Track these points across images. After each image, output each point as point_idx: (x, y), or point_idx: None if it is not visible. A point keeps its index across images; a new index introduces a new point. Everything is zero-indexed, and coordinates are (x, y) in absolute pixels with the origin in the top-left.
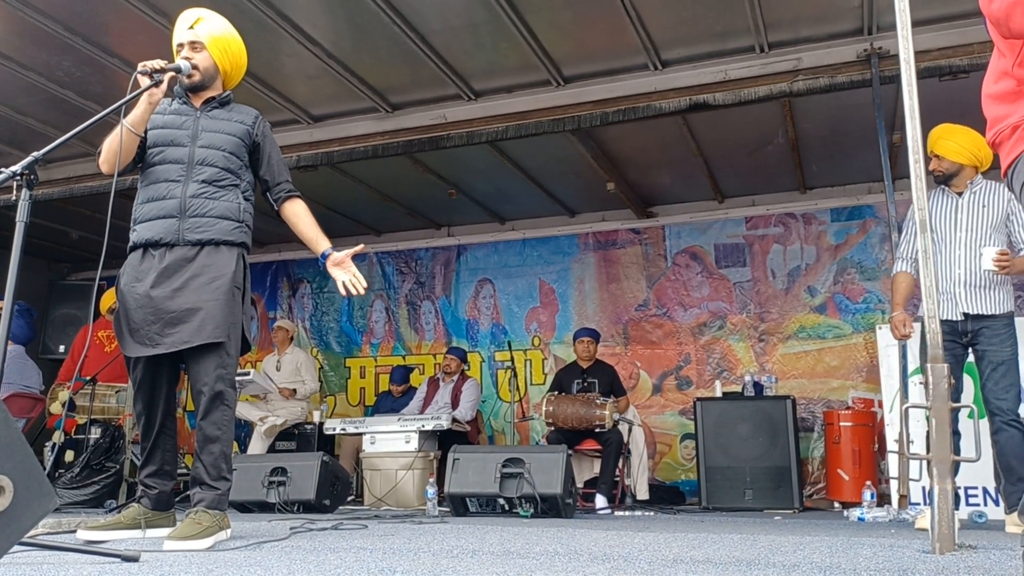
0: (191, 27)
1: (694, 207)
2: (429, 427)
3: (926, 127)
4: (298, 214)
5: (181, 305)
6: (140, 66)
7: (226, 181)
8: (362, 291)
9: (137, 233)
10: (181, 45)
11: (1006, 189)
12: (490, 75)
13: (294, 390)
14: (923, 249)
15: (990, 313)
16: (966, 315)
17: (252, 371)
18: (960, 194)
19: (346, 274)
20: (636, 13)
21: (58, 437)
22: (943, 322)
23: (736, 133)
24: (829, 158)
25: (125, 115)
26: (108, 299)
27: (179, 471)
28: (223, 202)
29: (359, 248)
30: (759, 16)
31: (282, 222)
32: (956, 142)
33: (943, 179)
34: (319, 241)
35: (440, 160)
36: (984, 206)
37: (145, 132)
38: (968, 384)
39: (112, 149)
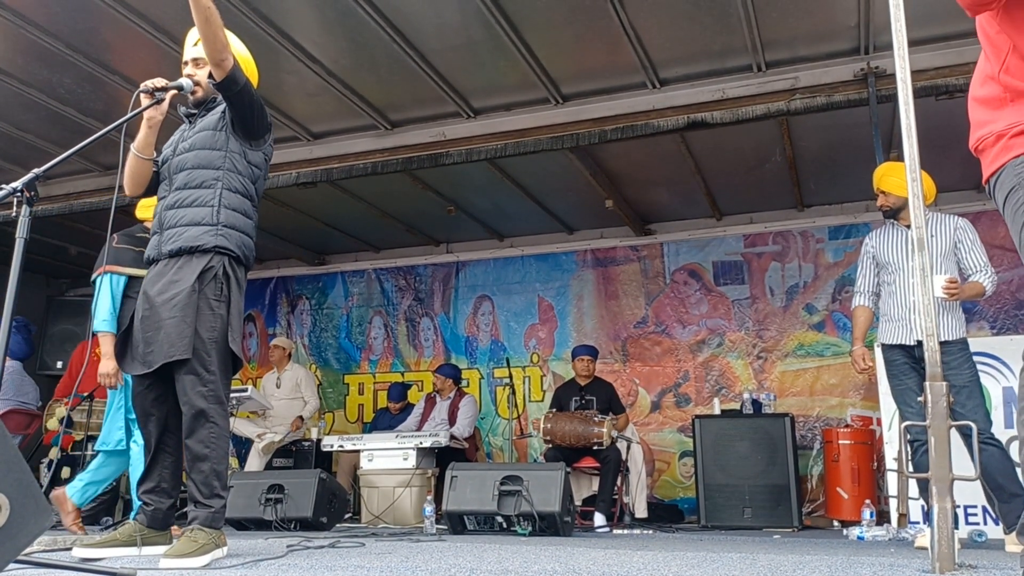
0: (195, 44)
1: (692, 224)
2: (427, 444)
3: (923, 146)
4: None
5: (152, 324)
6: (142, 85)
7: (200, 180)
8: None
9: None
10: (186, 63)
11: (951, 219)
12: (489, 93)
13: (302, 418)
14: (921, 267)
15: (944, 339)
16: (920, 341)
17: (250, 388)
18: (908, 226)
19: None
20: (634, 32)
21: (55, 453)
22: (899, 347)
23: (734, 151)
24: (827, 176)
25: (126, 134)
26: None
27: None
28: (195, 207)
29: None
30: (756, 35)
31: (282, 239)
32: (900, 177)
33: (890, 213)
34: None
35: (439, 177)
36: (932, 236)
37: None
38: None
39: (126, 174)
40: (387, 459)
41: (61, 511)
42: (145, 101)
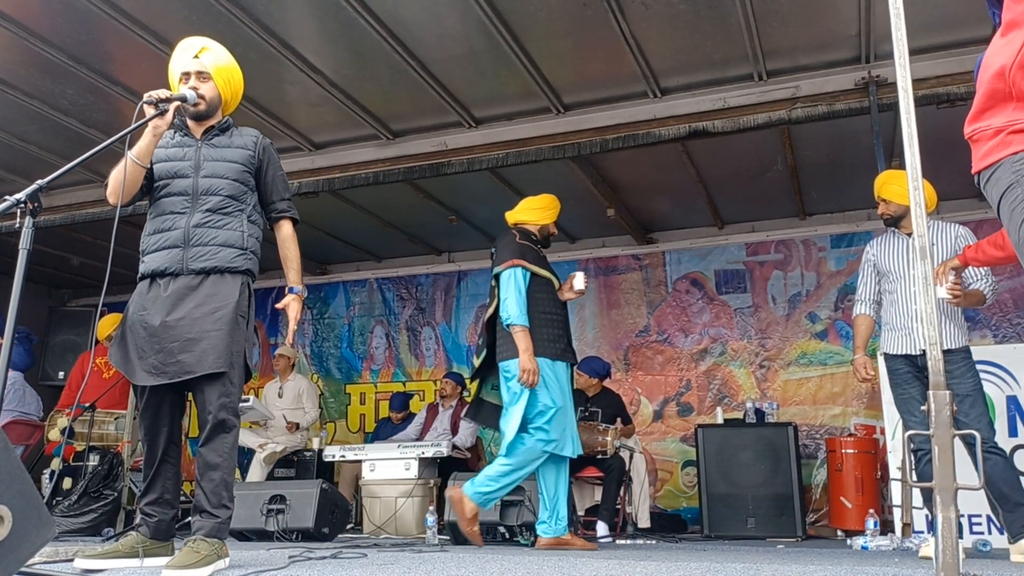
0: (196, 56)
1: (694, 233)
2: (429, 454)
3: (924, 154)
4: (283, 239)
5: (183, 335)
6: (146, 96)
7: (230, 208)
8: (289, 343)
9: (145, 264)
10: (187, 74)
11: (952, 227)
12: (490, 102)
13: (297, 424)
14: (924, 276)
15: (946, 348)
16: (923, 350)
17: (252, 398)
18: (909, 235)
19: (292, 321)
20: (635, 41)
21: (57, 464)
22: (902, 356)
23: (735, 160)
24: (828, 185)
25: (130, 145)
26: (105, 326)
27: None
28: (226, 230)
29: (293, 329)
30: (757, 45)
31: None
32: (901, 186)
33: (891, 222)
34: (290, 274)
35: (441, 186)
36: (933, 244)
37: (151, 164)
38: None
39: (118, 180)
40: (389, 469)
41: (459, 515)
42: (149, 112)
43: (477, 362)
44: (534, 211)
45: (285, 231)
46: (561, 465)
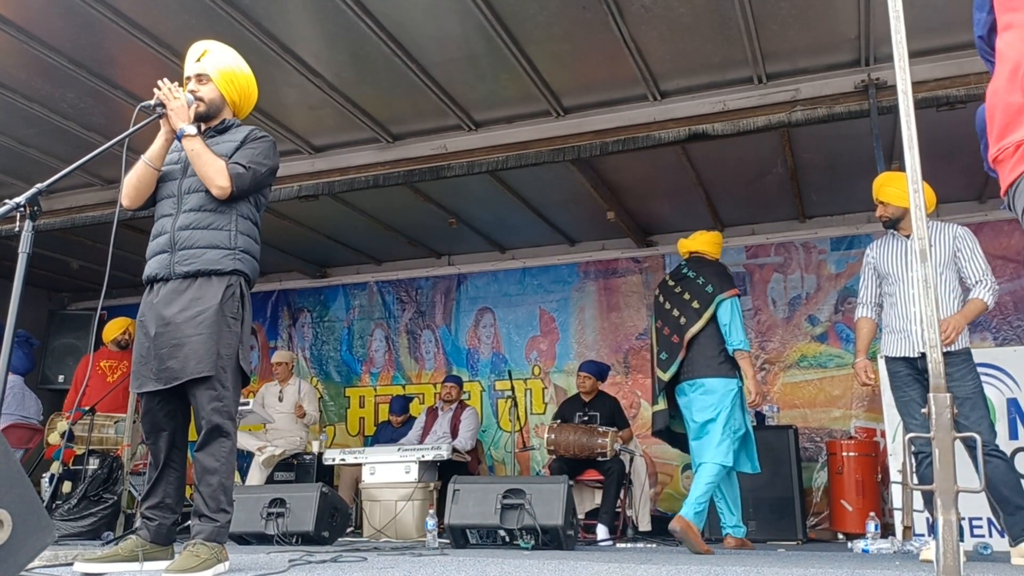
0: (198, 60)
1: None
2: (429, 457)
3: (924, 157)
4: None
5: (170, 340)
6: (153, 99)
7: (215, 204)
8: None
9: (145, 270)
10: (188, 78)
11: (951, 228)
12: (490, 106)
13: (304, 412)
14: (923, 279)
15: (946, 350)
16: (922, 353)
17: (251, 401)
18: (908, 237)
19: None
20: (635, 45)
21: (56, 468)
22: (902, 359)
23: (735, 163)
24: (828, 187)
25: (129, 148)
26: (111, 330)
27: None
28: (212, 230)
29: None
30: (757, 48)
31: (283, 251)
32: (899, 187)
33: (890, 224)
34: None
35: (441, 190)
36: (931, 246)
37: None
38: None
39: (129, 184)
40: (389, 472)
41: (694, 539)
42: (147, 116)
43: (666, 376)
44: (715, 246)
45: None
46: (734, 473)
